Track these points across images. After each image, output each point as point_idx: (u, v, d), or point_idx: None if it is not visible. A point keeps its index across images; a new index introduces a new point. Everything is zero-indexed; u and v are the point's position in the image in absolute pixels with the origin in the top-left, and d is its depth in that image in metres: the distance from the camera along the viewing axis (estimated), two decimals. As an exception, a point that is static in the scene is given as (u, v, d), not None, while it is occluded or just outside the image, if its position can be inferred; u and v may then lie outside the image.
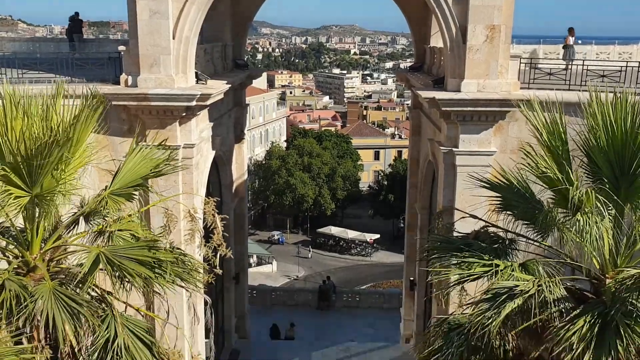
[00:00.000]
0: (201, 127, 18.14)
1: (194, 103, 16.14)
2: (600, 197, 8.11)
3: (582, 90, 15.39)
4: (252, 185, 74.24)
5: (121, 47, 16.75)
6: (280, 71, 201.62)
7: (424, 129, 23.02)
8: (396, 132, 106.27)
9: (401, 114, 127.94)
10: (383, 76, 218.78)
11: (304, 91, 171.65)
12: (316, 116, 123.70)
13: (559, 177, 8.53)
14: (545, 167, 8.76)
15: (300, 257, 66.27)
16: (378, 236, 70.63)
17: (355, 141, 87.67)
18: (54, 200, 8.61)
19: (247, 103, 27.51)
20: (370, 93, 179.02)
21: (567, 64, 18.27)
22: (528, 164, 9.01)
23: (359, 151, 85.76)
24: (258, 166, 77.55)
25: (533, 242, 9.47)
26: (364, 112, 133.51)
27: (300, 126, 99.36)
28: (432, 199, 22.34)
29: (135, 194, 9.67)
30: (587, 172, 9.00)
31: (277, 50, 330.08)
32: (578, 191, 8.21)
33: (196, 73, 17.23)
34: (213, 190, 22.42)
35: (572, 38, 20.89)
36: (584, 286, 9.03)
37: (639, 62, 17.26)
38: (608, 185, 8.50)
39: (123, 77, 16.44)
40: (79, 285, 8.48)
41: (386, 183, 76.21)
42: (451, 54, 16.45)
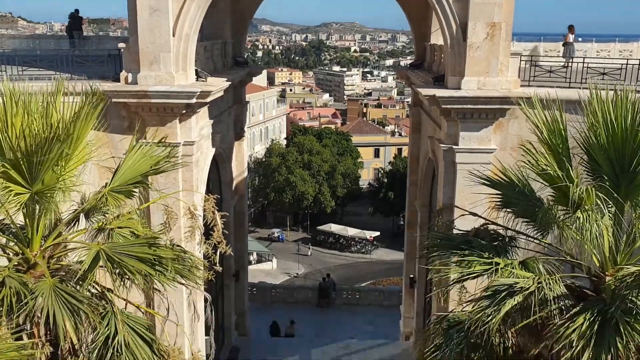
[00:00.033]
0: (201, 125, 18.13)
1: (194, 100, 16.13)
2: (600, 195, 8.10)
3: (583, 87, 15.36)
4: (252, 182, 74.30)
5: (121, 45, 16.73)
6: (280, 69, 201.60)
7: (424, 127, 23.00)
8: (396, 130, 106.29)
9: (401, 112, 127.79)
10: (383, 74, 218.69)
11: (304, 89, 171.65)
12: (316, 114, 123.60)
13: (559, 175, 8.53)
14: (545, 165, 8.76)
15: (300, 255, 66.38)
16: (378, 234, 70.78)
17: (355, 139, 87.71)
18: (54, 197, 8.62)
19: (247, 100, 27.51)
20: (370, 90, 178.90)
21: (567, 62, 18.25)
22: (528, 162, 9.00)
23: (359, 149, 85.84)
24: (258, 164, 77.61)
25: (533, 240, 9.47)
26: (364, 110, 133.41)
27: (300, 124, 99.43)
28: (432, 197, 22.35)
29: (135, 191, 9.67)
30: (587, 170, 8.99)
31: (277, 47, 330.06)
32: (578, 189, 8.21)
33: (196, 70, 17.21)
34: (213, 187, 22.42)
35: (572, 35, 20.87)
36: (584, 284, 9.03)
37: (640, 60, 17.25)
38: (608, 182, 8.49)
39: (123, 75, 16.42)
40: (79, 282, 8.49)
41: (386, 181, 76.30)
42: (451, 52, 16.43)
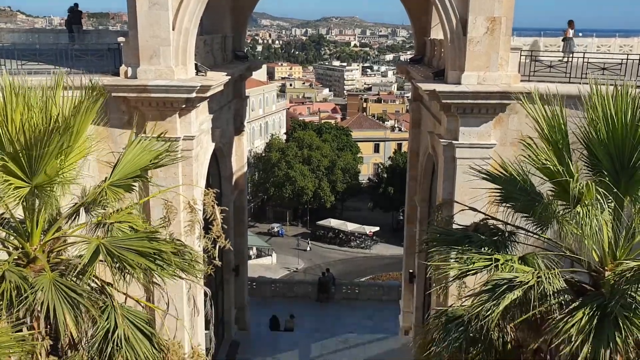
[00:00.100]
0: (201, 119, 18.12)
1: (194, 95, 16.11)
2: (600, 190, 8.10)
3: (583, 83, 15.36)
4: (252, 177, 74.26)
5: (121, 39, 16.69)
6: (280, 63, 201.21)
7: (424, 122, 22.99)
8: (396, 125, 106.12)
9: (401, 107, 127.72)
10: (383, 68, 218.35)
11: (304, 83, 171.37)
12: (316, 108, 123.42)
13: (560, 170, 8.52)
14: (545, 160, 8.76)
15: (299, 250, 66.44)
16: (377, 229, 70.76)
17: (355, 134, 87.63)
18: (54, 191, 8.61)
19: (247, 95, 27.48)
20: (370, 85, 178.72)
21: (567, 57, 18.21)
22: (528, 156, 9.00)
23: (359, 144, 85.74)
24: (258, 158, 77.53)
25: (532, 235, 9.48)
26: (364, 105, 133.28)
27: (300, 118, 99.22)
28: (432, 192, 22.36)
29: (134, 185, 9.67)
30: (587, 165, 8.99)
31: (277, 42, 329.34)
32: (578, 184, 8.21)
33: (196, 65, 17.19)
34: (213, 182, 22.42)
35: (572, 31, 20.81)
36: (583, 279, 9.05)
37: (640, 55, 17.22)
38: (608, 177, 8.49)
39: (123, 69, 16.39)
40: (79, 276, 8.49)
41: (386, 176, 76.24)
42: (451, 46, 16.40)
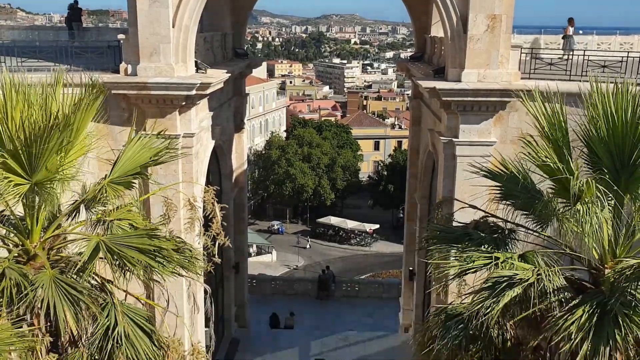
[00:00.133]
0: (201, 117, 18.11)
1: (194, 92, 16.10)
2: (600, 187, 8.10)
3: (583, 80, 15.34)
4: (252, 175, 74.29)
5: (121, 36, 16.67)
6: (280, 61, 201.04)
7: (424, 119, 22.98)
8: (396, 122, 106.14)
9: (401, 104, 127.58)
10: (383, 66, 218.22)
11: (304, 81, 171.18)
12: (316, 106, 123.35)
13: (560, 167, 8.52)
14: (545, 157, 8.75)
15: (299, 247, 66.50)
16: (377, 226, 70.84)
17: (355, 131, 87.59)
18: (54, 188, 8.61)
19: (247, 92, 27.45)
20: (370, 83, 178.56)
21: (567, 55, 18.20)
22: (529, 154, 9.00)
23: (359, 141, 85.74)
24: (258, 156, 77.56)
25: (532, 233, 9.48)
26: (364, 102, 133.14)
27: (300, 116, 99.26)
28: (432, 189, 22.36)
29: (134, 183, 9.66)
30: (587, 163, 8.98)
31: (277, 39, 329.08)
32: (578, 181, 8.20)
33: (196, 62, 17.17)
34: (213, 179, 22.42)
35: (572, 28, 20.79)
36: (583, 276, 9.05)
37: (641, 53, 17.21)
38: (608, 175, 8.48)
39: (123, 66, 16.38)
40: (79, 273, 8.50)
41: (386, 173, 76.29)
42: (452, 44, 16.39)
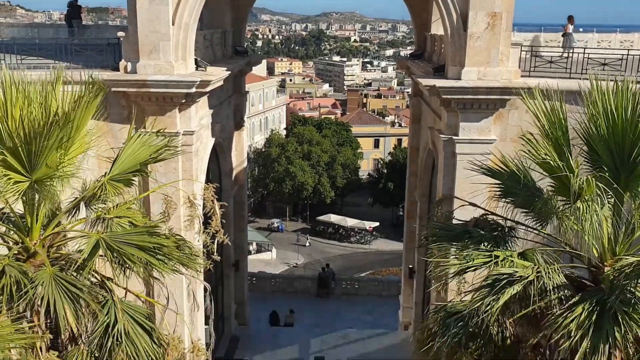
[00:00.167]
0: (201, 114, 18.10)
1: (194, 90, 16.09)
2: (600, 185, 8.10)
3: (583, 78, 15.33)
4: (252, 172, 74.31)
5: (120, 33, 16.65)
6: (280, 58, 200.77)
7: (424, 117, 22.96)
8: (396, 120, 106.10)
9: (401, 102, 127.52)
10: (383, 64, 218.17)
11: (304, 79, 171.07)
12: (316, 104, 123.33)
13: (560, 165, 8.52)
14: (545, 155, 8.75)
15: (299, 245, 66.52)
16: (377, 224, 70.90)
17: (355, 129, 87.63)
18: (54, 185, 8.61)
19: (247, 90, 27.44)
20: (370, 81, 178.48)
21: (567, 52, 18.18)
22: (528, 152, 9.00)
23: (359, 139, 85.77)
24: (258, 154, 77.58)
25: (532, 230, 9.48)
26: (364, 100, 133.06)
27: (300, 114, 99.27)
28: (432, 187, 22.36)
29: (134, 180, 9.66)
30: (587, 160, 8.99)
31: (277, 37, 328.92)
32: (578, 179, 8.21)
33: (196, 60, 17.15)
34: (213, 177, 22.42)
35: (572, 26, 20.75)
36: (583, 274, 9.06)
37: (641, 51, 17.19)
38: (608, 173, 8.48)
39: (122, 64, 16.36)
40: (79, 271, 8.50)
41: (386, 171, 76.33)
42: (452, 42, 16.37)
